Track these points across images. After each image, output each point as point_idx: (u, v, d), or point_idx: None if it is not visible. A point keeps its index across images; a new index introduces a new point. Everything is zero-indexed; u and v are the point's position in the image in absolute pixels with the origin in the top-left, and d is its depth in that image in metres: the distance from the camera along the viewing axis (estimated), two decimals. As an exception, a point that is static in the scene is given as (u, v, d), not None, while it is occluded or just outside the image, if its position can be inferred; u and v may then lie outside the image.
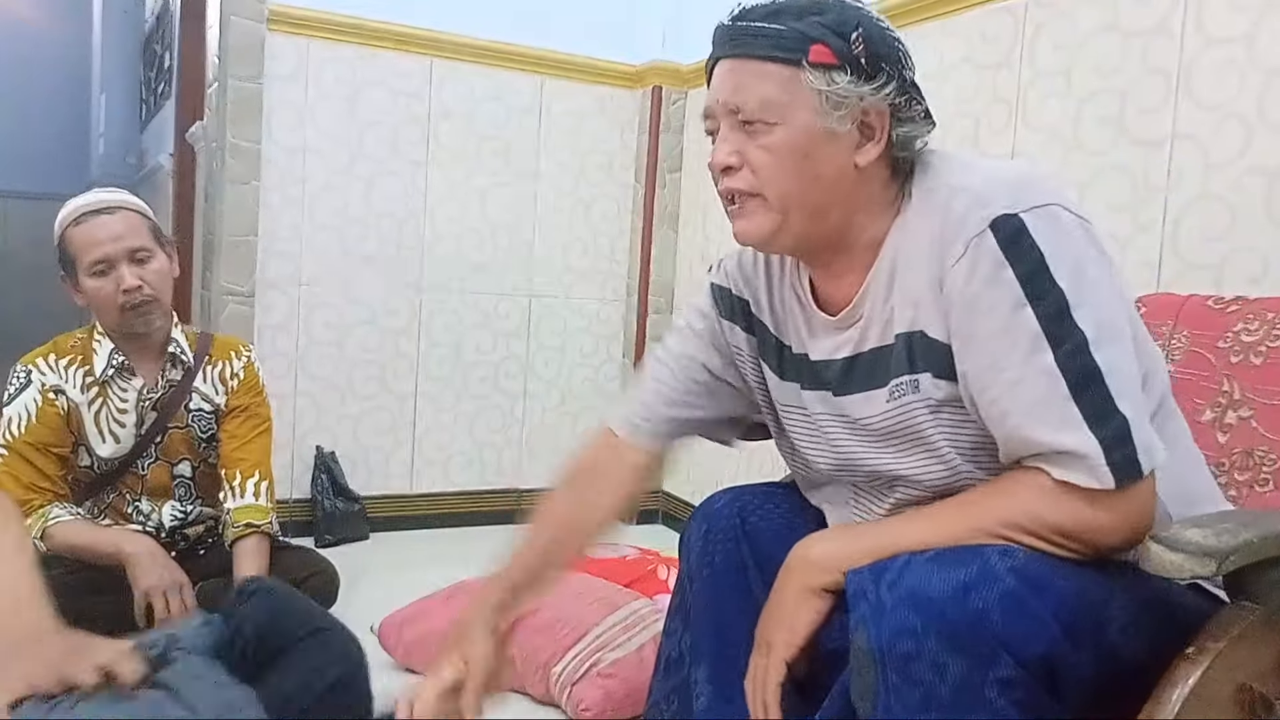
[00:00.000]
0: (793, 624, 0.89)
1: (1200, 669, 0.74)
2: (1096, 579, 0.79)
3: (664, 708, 1.12)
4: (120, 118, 5.58)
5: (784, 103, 0.89)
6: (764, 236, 0.95)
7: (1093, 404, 0.79)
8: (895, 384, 0.92)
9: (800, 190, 0.91)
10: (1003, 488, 0.84)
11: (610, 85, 2.93)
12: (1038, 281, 0.81)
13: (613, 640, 1.64)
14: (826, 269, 0.99)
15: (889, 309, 0.92)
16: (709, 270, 1.17)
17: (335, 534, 2.60)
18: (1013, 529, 0.81)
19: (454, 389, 2.85)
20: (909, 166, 0.95)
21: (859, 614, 0.79)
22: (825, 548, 0.90)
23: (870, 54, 0.88)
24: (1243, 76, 1.47)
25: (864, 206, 0.94)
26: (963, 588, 0.74)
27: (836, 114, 0.88)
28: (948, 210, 0.87)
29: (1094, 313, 0.81)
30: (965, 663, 0.73)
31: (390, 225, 2.70)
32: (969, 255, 0.83)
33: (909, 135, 0.92)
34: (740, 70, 0.91)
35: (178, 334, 1.79)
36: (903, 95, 0.90)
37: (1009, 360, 0.82)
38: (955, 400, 0.89)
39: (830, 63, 0.88)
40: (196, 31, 3.39)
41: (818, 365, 1.01)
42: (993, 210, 0.83)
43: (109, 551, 1.62)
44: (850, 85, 0.88)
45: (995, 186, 0.85)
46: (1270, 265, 1.43)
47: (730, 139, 0.93)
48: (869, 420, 0.95)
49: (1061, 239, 0.82)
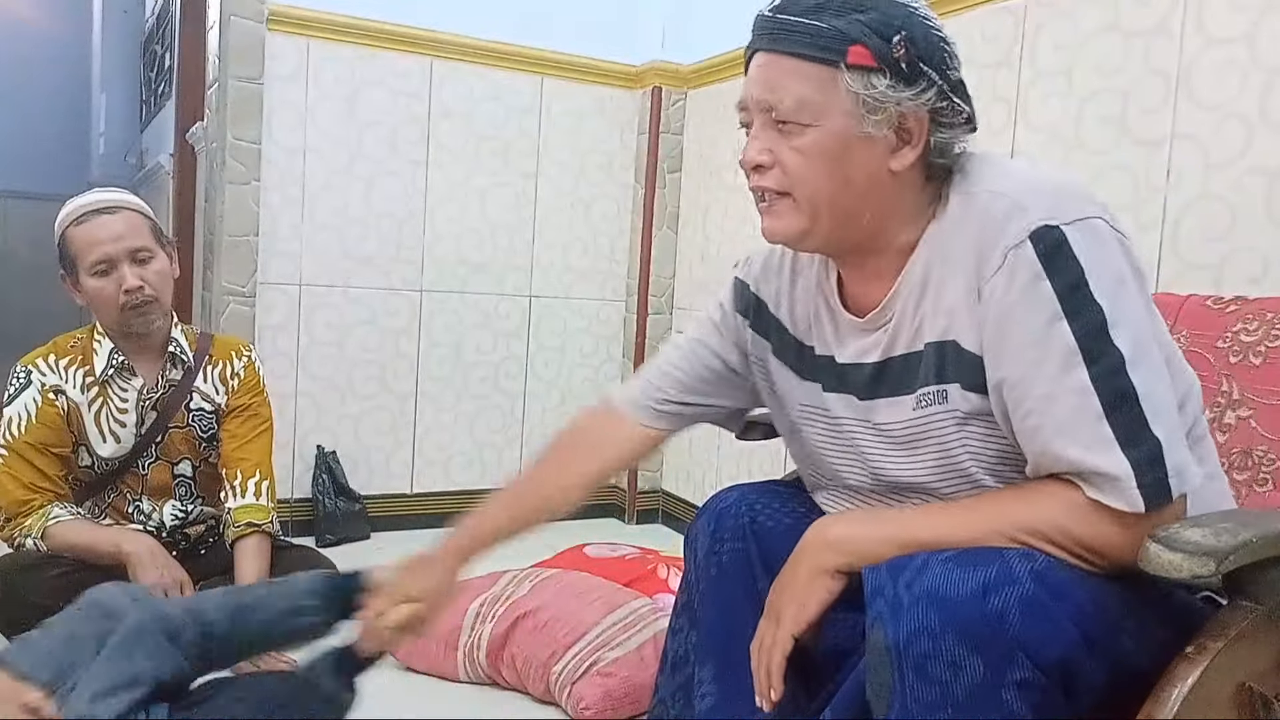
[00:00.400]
0: (804, 600, 0.89)
1: (1200, 669, 0.74)
2: (1114, 587, 0.79)
3: (669, 706, 1.12)
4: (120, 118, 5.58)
5: (819, 104, 0.87)
6: (791, 236, 0.93)
7: (1126, 425, 0.78)
8: (922, 393, 0.90)
9: (831, 193, 0.89)
10: (1030, 495, 0.83)
11: (610, 85, 2.93)
12: (1076, 296, 0.79)
13: (613, 639, 1.64)
14: (857, 270, 0.97)
15: (920, 315, 0.91)
16: (735, 265, 1.16)
17: (336, 533, 2.60)
18: (1035, 536, 0.80)
19: (454, 389, 2.85)
20: (946, 170, 0.93)
21: (876, 611, 0.78)
22: (843, 530, 0.90)
23: (912, 58, 0.86)
24: (1243, 76, 1.47)
25: (897, 211, 0.92)
26: (982, 589, 0.74)
27: (873, 118, 0.86)
28: (986, 217, 0.85)
29: (1131, 332, 0.79)
30: (982, 663, 0.73)
31: (390, 225, 2.70)
32: (1007, 265, 0.82)
33: (948, 141, 0.90)
34: (776, 66, 0.89)
35: (178, 334, 1.79)
36: (944, 100, 0.88)
37: (1042, 374, 0.80)
38: (983, 414, 0.87)
39: (869, 65, 0.85)
40: (196, 31, 3.39)
41: (844, 368, 0.99)
42: (1033, 220, 0.81)
43: (109, 551, 1.62)
44: (889, 90, 0.85)
45: (1037, 195, 0.83)
46: (1270, 265, 1.43)
47: (763, 136, 0.91)
48: (892, 426, 0.94)
49: (1102, 254, 0.81)
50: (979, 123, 0.94)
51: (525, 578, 1.84)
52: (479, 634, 1.72)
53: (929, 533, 0.83)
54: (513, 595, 1.77)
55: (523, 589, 1.79)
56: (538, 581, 1.81)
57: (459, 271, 2.81)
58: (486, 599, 1.77)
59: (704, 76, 2.79)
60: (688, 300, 2.92)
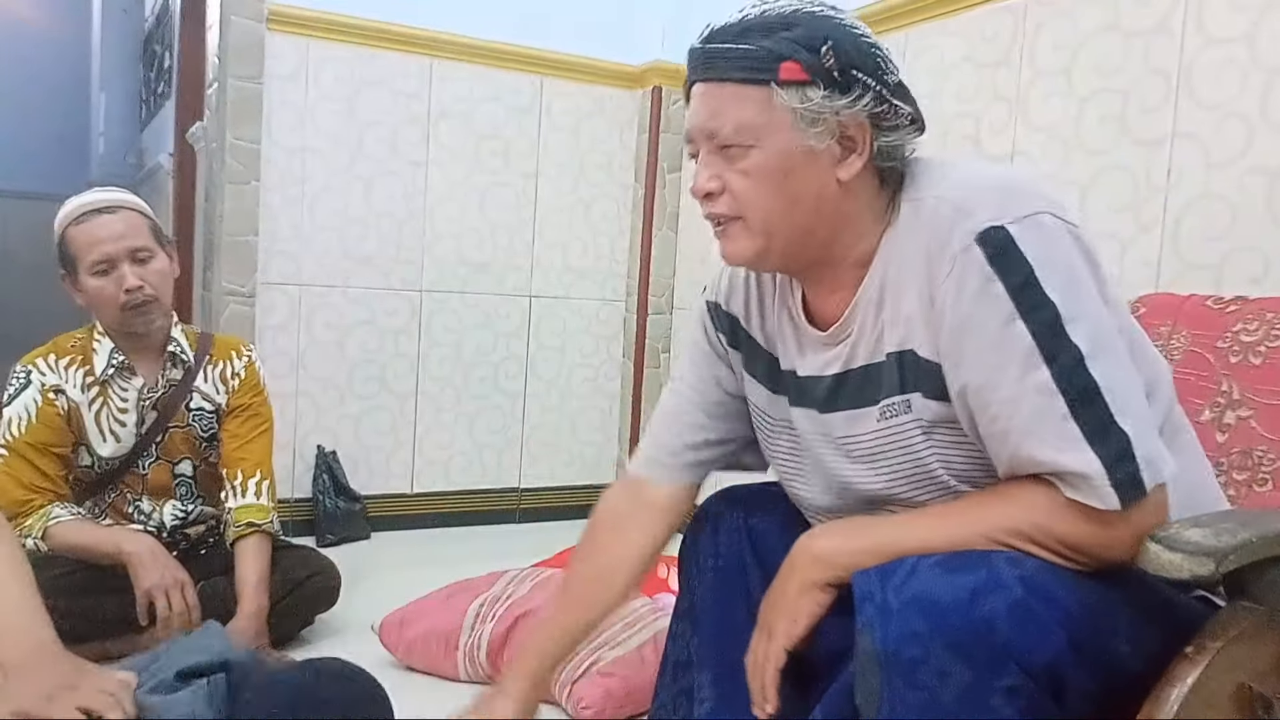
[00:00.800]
0: (794, 615, 0.89)
1: (1199, 669, 0.74)
2: (1104, 590, 0.79)
3: (670, 710, 1.12)
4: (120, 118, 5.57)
5: (759, 124, 0.87)
6: (749, 258, 0.94)
7: (1092, 421, 0.77)
8: (887, 404, 0.90)
9: (782, 211, 0.90)
10: (1011, 496, 0.83)
11: (610, 85, 2.93)
12: (1029, 294, 0.79)
13: (613, 639, 1.64)
14: (817, 285, 0.98)
15: (879, 325, 0.91)
16: (703, 290, 1.16)
17: (336, 533, 2.60)
18: (1018, 537, 0.80)
19: (454, 389, 2.85)
20: (899, 176, 0.92)
21: (865, 617, 0.78)
22: (829, 543, 0.90)
23: (843, 65, 0.86)
24: (1243, 76, 1.47)
25: (851, 221, 0.92)
26: (970, 594, 0.73)
27: (814, 130, 0.87)
28: (934, 223, 0.85)
29: (1088, 326, 0.79)
30: (971, 670, 0.72)
31: (390, 225, 2.70)
32: (957, 270, 0.82)
33: (894, 144, 0.90)
34: (714, 94, 0.90)
35: (177, 333, 1.79)
36: (882, 104, 0.88)
37: (1004, 377, 0.80)
38: (948, 421, 0.87)
39: (802, 79, 0.85)
40: (196, 31, 3.39)
41: (805, 381, 0.99)
42: (979, 222, 0.81)
43: (110, 551, 1.62)
44: (825, 100, 0.86)
45: (979, 196, 0.83)
46: (1270, 265, 1.43)
47: (710, 163, 0.92)
48: (856, 439, 0.94)
49: (1051, 250, 0.81)
50: (979, 122, 0.94)
51: (525, 578, 1.84)
52: (479, 634, 1.72)
53: (913, 540, 0.83)
54: (513, 595, 1.77)
55: (523, 589, 1.79)
56: (538, 581, 1.81)
57: (459, 271, 2.81)
58: (486, 599, 1.77)
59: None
60: (688, 300, 2.91)
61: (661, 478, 1.12)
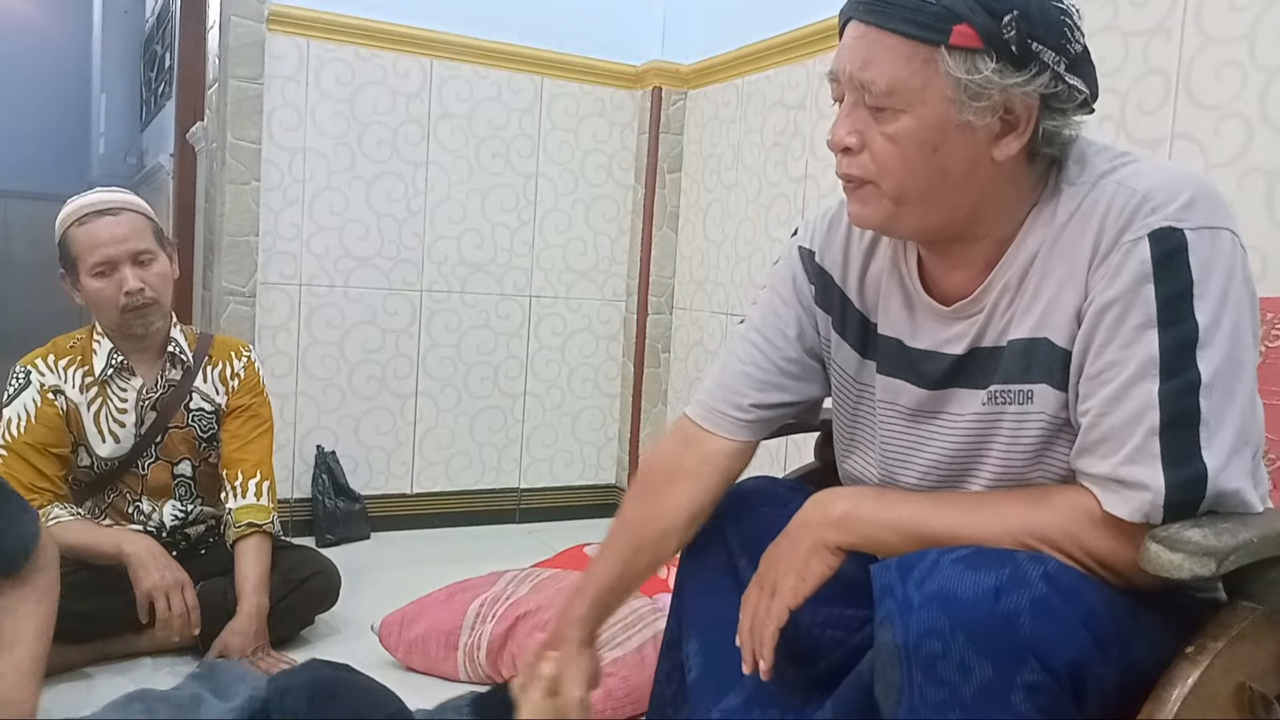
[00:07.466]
0: (803, 573, 0.87)
1: (1200, 669, 0.74)
2: (1124, 591, 0.78)
3: (665, 686, 1.12)
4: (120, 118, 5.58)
5: (915, 88, 0.79)
6: (878, 224, 0.88)
7: (1176, 446, 0.75)
8: (999, 389, 0.86)
9: (923, 185, 0.83)
10: (1049, 501, 0.81)
11: (610, 85, 2.93)
12: (1176, 308, 0.75)
13: (613, 639, 1.64)
14: (944, 257, 0.91)
15: (1012, 310, 0.86)
16: (794, 233, 1.07)
17: (336, 533, 2.60)
18: (1046, 543, 0.79)
19: (454, 389, 2.85)
20: (1051, 157, 0.85)
21: (885, 610, 0.77)
22: (849, 507, 0.87)
23: (1024, 39, 0.77)
24: (1243, 76, 1.47)
25: (997, 201, 0.85)
26: (993, 591, 0.73)
27: (975, 105, 0.78)
28: (1110, 209, 0.79)
29: (1218, 356, 0.75)
30: (992, 665, 0.72)
31: (390, 225, 2.70)
32: (1117, 257, 0.78)
33: (1058, 128, 0.82)
34: (872, 41, 0.81)
35: (177, 334, 1.79)
36: (1058, 86, 0.79)
37: (1116, 375, 0.78)
38: (1064, 421, 0.84)
39: (974, 46, 0.77)
40: (196, 32, 3.39)
41: (915, 354, 0.94)
42: (1158, 219, 0.77)
43: (110, 551, 1.62)
44: (995, 74, 0.77)
45: (1170, 194, 0.78)
46: (1270, 265, 1.43)
47: (853, 116, 0.84)
48: (954, 418, 0.91)
49: (1217, 269, 0.76)
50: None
51: (525, 578, 1.84)
52: (479, 634, 1.72)
53: (940, 524, 0.82)
54: (513, 595, 1.77)
55: (523, 589, 1.79)
56: (538, 581, 1.81)
57: (459, 271, 2.81)
58: (486, 599, 1.77)
59: (704, 76, 2.79)
60: (688, 300, 2.92)
61: (725, 431, 1.05)
